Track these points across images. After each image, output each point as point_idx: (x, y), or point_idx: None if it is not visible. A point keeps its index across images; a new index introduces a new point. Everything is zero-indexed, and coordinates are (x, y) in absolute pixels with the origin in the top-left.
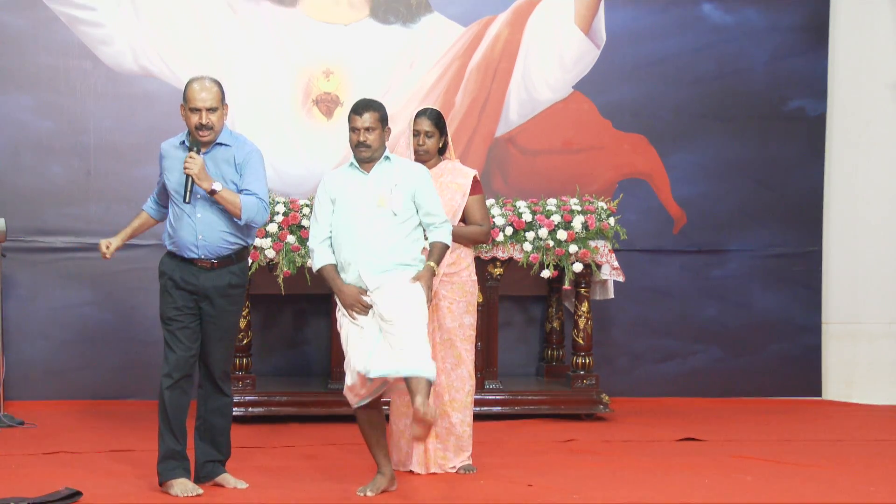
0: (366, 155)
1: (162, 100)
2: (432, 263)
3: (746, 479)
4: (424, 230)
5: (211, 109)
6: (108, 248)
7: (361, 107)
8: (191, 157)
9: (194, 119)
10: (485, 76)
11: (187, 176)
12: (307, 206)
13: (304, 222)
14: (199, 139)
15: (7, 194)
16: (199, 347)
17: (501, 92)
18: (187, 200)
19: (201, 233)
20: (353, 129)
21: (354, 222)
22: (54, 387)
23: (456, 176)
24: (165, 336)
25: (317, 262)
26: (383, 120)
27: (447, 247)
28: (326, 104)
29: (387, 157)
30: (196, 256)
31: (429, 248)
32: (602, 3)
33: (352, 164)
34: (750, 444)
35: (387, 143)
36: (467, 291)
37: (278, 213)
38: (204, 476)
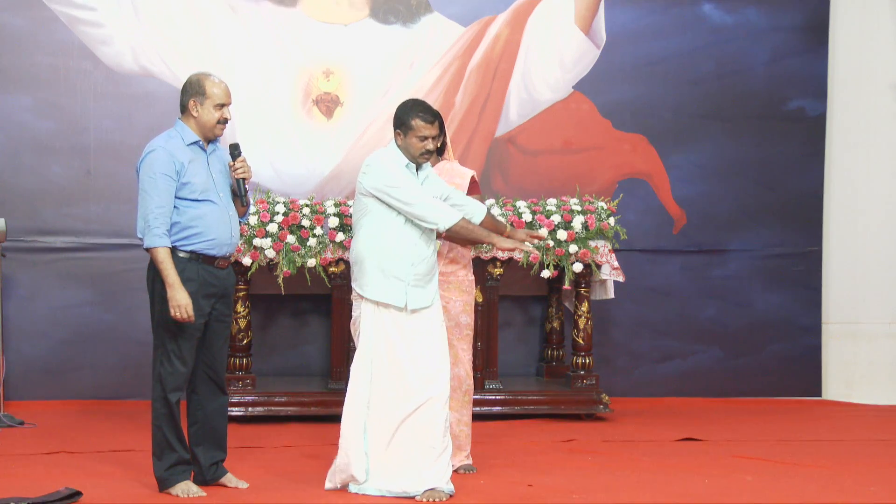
0: (424, 162)
1: (162, 100)
2: (508, 226)
3: (746, 479)
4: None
5: (229, 105)
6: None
7: (433, 115)
8: (244, 161)
9: (218, 114)
10: (485, 76)
11: (240, 179)
12: (307, 206)
13: (305, 222)
14: (216, 135)
15: (7, 194)
16: None
17: (501, 92)
18: (247, 201)
19: (234, 230)
20: (422, 137)
21: (411, 233)
22: (54, 387)
23: (454, 176)
24: (180, 346)
25: (453, 215)
26: (441, 126)
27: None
28: (326, 104)
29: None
30: (223, 255)
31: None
32: (602, 3)
33: (409, 165)
34: (750, 444)
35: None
36: (464, 291)
37: (278, 213)
38: (211, 479)
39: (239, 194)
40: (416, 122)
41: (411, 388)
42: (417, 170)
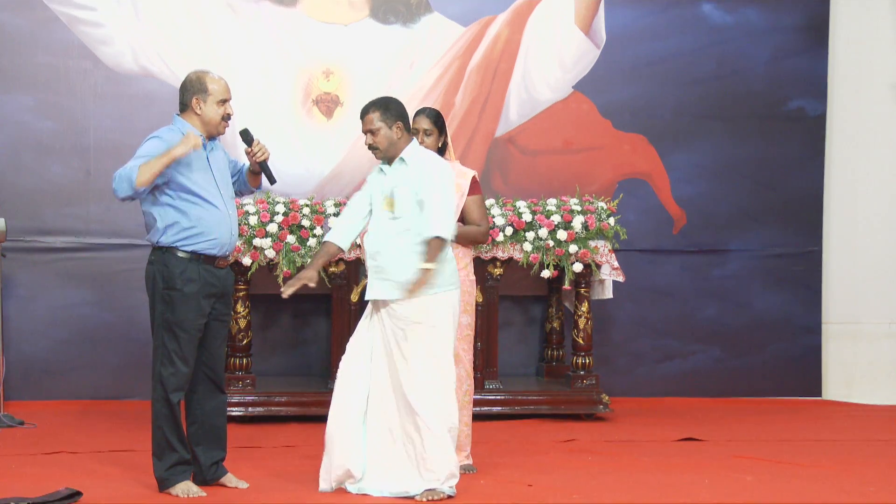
0: (379, 156)
1: (162, 100)
2: (419, 264)
3: (746, 479)
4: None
5: (230, 101)
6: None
7: (363, 111)
8: (259, 143)
9: (222, 110)
10: (485, 76)
11: (263, 161)
12: (307, 206)
13: (305, 222)
14: (220, 132)
15: (7, 194)
16: None
17: (501, 92)
18: (274, 179)
19: (233, 230)
20: (364, 132)
21: (371, 226)
22: (54, 387)
23: (455, 176)
24: (182, 346)
25: (326, 235)
26: (387, 118)
27: (439, 240)
28: (326, 104)
29: (401, 158)
30: (223, 254)
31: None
32: (602, 3)
33: (383, 163)
34: (750, 444)
35: (402, 139)
36: (465, 291)
37: (278, 213)
38: (211, 478)
39: (266, 174)
40: None
41: (405, 386)
42: (397, 162)
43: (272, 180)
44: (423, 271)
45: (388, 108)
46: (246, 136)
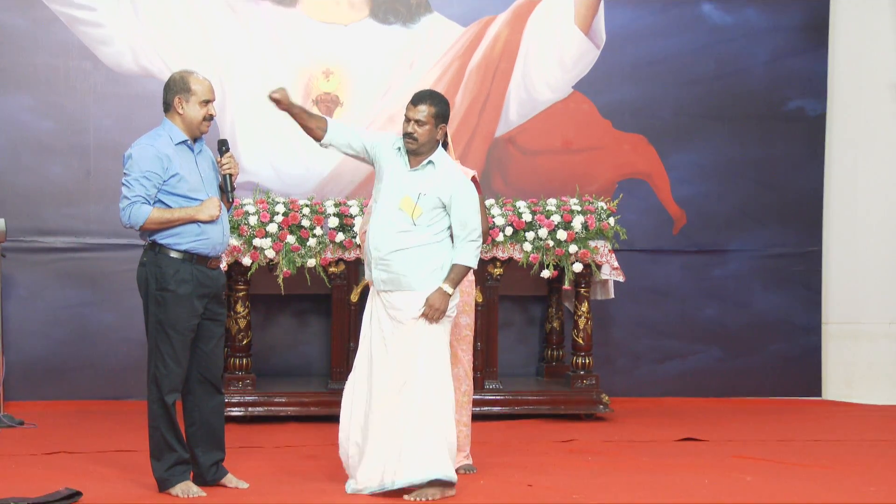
0: (412, 147)
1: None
2: (444, 285)
3: (746, 479)
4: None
5: (213, 102)
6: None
7: (418, 98)
8: (230, 156)
9: (204, 111)
10: (485, 76)
11: (227, 175)
12: (307, 206)
13: (305, 222)
14: (202, 132)
15: (7, 194)
16: None
17: (501, 92)
18: (233, 199)
19: (225, 230)
20: (406, 119)
21: (378, 212)
22: (54, 387)
23: None
24: (175, 347)
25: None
26: (437, 118)
27: (468, 269)
28: (326, 104)
29: (431, 161)
30: (216, 255)
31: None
32: (602, 3)
33: (401, 148)
34: (750, 444)
35: (439, 141)
36: (464, 291)
37: (278, 213)
38: (211, 479)
39: (225, 190)
40: (408, 102)
41: (394, 381)
42: (409, 154)
43: (230, 199)
44: (442, 294)
45: (443, 108)
46: (222, 147)
